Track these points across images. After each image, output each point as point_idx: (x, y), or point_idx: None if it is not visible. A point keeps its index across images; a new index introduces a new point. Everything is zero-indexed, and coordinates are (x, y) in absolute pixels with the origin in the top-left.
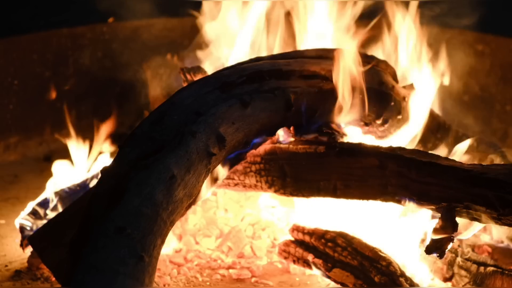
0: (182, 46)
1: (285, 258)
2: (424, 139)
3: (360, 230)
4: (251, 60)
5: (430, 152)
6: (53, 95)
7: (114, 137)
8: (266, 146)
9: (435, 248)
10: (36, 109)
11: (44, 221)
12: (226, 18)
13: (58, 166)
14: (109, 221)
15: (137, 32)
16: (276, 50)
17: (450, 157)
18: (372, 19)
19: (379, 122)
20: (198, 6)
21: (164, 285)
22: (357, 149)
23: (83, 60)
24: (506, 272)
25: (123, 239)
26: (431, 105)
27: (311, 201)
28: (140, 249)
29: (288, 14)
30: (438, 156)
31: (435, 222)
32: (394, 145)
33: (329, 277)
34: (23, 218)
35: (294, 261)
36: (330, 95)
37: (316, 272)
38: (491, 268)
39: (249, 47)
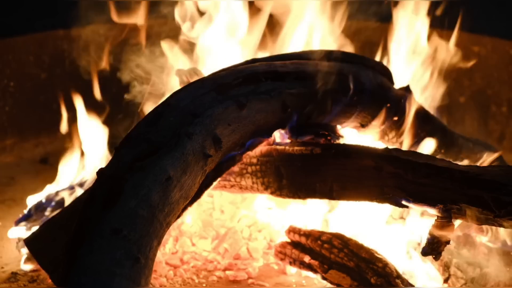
0: (179, 47)
1: (282, 259)
2: (419, 141)
3: (356, 231)
4: (247, 62)
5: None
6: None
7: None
8: (262, 148)
9: (431, 249)
10: (32, 111)
11: (41, 223)
12: (223, 19)
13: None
14: (105, 223)
15: (133, 33)
16: (272, 52)
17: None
18: (370, 19)
19: (375, 123)
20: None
21: (160, 287)
22: (353, 151)
23: (79, 62)
24: (503, 273)
25: (119, 241)
26: (427, 106)
27: (307, 202)
28: (136, 251)
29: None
30: (434, 158)
31: (431, 224)
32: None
33: (325, 279)
34: (19, 220)
35: (290, 263)
36: (326, 97)
37: (312, 274)
38: (488, 270)
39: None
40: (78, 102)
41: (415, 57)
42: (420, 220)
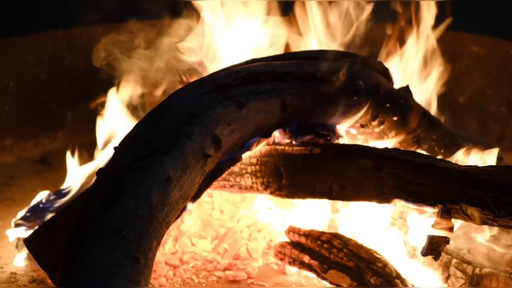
0: (178, 48)
1: (281, 259)
2: (419, 141)
3: (356, 231)
4: (246, 62)
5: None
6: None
7: None
8: (262, 148)
9: (430, 249)
10: (31, 111)
11: (40, 223)
12: (222, 19)
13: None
14: (104, 223)
15: (133, 33)
16: (272, 52)
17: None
18: (369, 20)
19: (374, 123)
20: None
21: (160, 287)
22: (353, 151)
23: (78, 62)
24: (502, 273)
25: (119, 241)
26: (426, 106)
27: (307, 202)
28: (135, 251)
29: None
30: (433, 158)
31: (430, 224)
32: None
33: (325, 279)
34: (19, 220)
35: (290, 263)
36: (325, 97)
37: (312, 274)
38: (487, 270)
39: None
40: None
41: (414, 57)
42: (420, 220)
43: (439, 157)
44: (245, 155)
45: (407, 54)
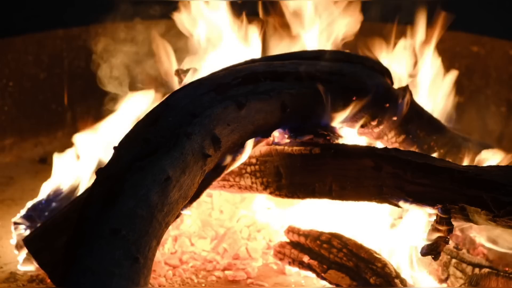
0: (178, 48)
1: (281, 259)
2: (419, 141)
3: (355, 231)
4: (246, 62)
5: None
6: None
7: None
8: (261, 148)
9: (430, 249)
10: (31, 111)
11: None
12: (221, 19)
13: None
14: (104, 223)
15: (132, 33)
16: (271, 52)
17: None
18: (368, 19)
19: (374, 123)
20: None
21: (159, 287)
22: (352, 151)
23: (78, 62)
24: (501, 273)
25: (118, 241)
26: (426, 106)
27: (307, 202)
28: (135, 251)
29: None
30: (433, 158)
31: (430, 224)
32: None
33: (324, 279)
34: (18, 219)
35: (289, 263)
36: (325, 97)
37: (311, 274)
38: (486, 270)
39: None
40: None
41: (413, 56)
42: (419, 220)
43: (438, 157)
44: (245, 155)
45: (406, 54)
